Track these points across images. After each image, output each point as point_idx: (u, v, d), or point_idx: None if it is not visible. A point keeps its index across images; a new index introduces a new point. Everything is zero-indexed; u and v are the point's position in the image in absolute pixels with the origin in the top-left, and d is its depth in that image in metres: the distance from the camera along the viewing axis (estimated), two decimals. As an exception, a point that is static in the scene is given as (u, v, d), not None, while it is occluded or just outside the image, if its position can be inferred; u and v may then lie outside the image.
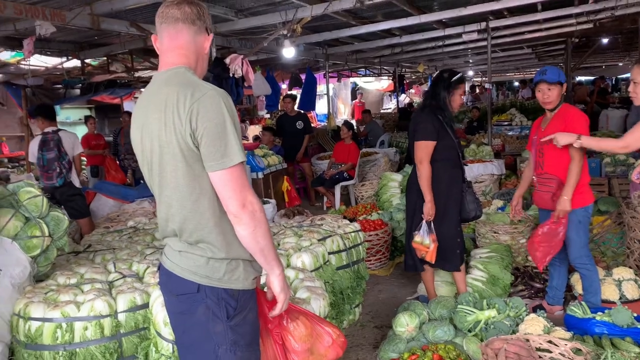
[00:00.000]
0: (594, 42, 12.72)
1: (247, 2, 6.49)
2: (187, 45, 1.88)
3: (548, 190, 3.76)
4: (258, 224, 1.78)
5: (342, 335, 2.30)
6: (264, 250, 1.83)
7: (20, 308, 2.90)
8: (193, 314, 1.87)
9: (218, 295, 1.83)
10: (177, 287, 1.89)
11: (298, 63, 12.77)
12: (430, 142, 3.84)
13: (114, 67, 9.75)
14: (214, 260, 1.84)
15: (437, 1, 7.64)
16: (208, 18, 1.93)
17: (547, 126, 3.77)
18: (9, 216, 3.21)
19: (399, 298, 4.70)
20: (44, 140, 5.77)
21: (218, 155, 1.72)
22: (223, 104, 1.73)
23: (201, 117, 1.70)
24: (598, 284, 3.84)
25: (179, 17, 1.85)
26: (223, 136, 1.71)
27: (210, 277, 1.83)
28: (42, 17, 5.22)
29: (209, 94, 1.73)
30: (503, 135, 11.40)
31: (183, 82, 1.79)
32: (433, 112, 3.89)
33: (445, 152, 3.88)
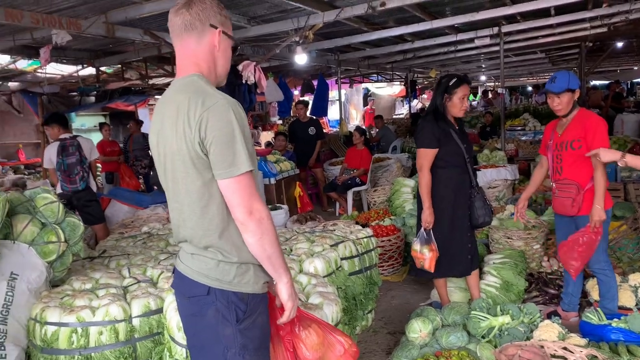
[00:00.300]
0: (608, 46, 12.62)
1: (259, 9, 6.53)
2: (194, 53, 1.90)
3: (568, 196, 3.71)
4: (265, 232, 1.80)
5: (354, 345, 2.28)
6: (271, 258, 1.84)
7: (36, 313, 2.93)
8: (203, 317, 1.89)
9: (228, 299, 1.85)
10: (188, 289, 1.92)
11: (310, 69, 12.82)
12: (429, 150, 3.83)
13: (129, 75, 9.88)
14: (225, 263, 1.86)
15: (449, 6, 7.64)
16: (212, 11, 1.89)
17: (565, 131, 3.74)
18: (26, 222, 3.25)
19: (411, 304, 4.69)
20: (63, 146, 5.86)
21: (226, 164, 1.74)
22: (232, 114, 1.75)
23: (210, 126, 1.73)
24: (616, 290, 3.80)
25: (181, 27, 1.88)
26: (231, 145, 1.73)
27: (220, 279, 1.85)
28: (59, 26, 5.31)
29: (219, 103, 1.76)
30: (516, 140, 11.32)
31: (195, 90, 1.81)
32: (434, 119, 3.87)
33: (450, 157, 3.86)
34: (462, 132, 3.97)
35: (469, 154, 3.92)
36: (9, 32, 6.13)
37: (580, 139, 3.64)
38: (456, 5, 7.54)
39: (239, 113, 1.77)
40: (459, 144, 3.85)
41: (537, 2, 7.10)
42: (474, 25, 8.96)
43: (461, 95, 3.84)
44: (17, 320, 2.91)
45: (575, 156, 3.66)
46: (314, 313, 2.85)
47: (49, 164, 6.01)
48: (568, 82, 3.64)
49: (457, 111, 3.88)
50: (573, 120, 3.72)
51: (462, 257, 3.99)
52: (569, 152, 3.69)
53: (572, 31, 10.20)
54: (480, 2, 7.36)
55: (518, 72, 22.25)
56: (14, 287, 2.96)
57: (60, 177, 5.89)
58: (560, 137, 3.75)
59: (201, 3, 1.88)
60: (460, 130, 3.95)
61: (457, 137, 3.86)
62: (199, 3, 1.88)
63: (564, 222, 3.89)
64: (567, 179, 3.72)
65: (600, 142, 3.53)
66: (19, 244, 3.18)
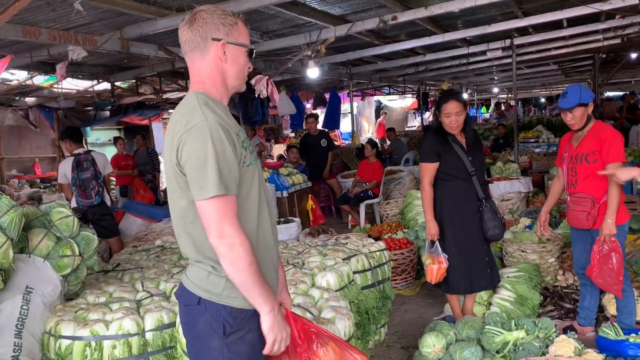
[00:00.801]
0: (622, 57, 12.51)
1: (272, 24, 6.60)
2: (199, 70, 1.93)
3: (583, 210, 3.66)
4: (236, 258, 1.76)
5: None
6: (245, 285, 1.79)
7: (51, 326, 2.96)
8: (195, 326, 1.91)
9: (217, 311, 1.85)
10: (183, 297, 1.95)
11: (322, 82, 12.88)
12: (428, 164, 3.90)
13: (143, 89, 9.99)
14: (215, 275, 1.87)
15: (461, 19, 7.65)
16: (213, 24, 1.87)
17: (580, 143, 3.72)
18: (42, 236, 3.29)
19: (425, 318, 4.65)
20: (77, 161, 5.93)
21: (197, 186, 1.75)
22: (209, 136, 1.73)
23: (186, 148, 1.76)
24: (634, 305, 3.75)
25: (186, 45, 1.91)
26: (202, 168, 1.73)
27: (210, 291, 1.86)
28: (75, 42, 5.40)
29: (199, 125, 1.75)
30: (530, 152, 11.26)
31: (186, 109, 1.84)
32: (434, 133, 3.95)
33: (451, 171, 3.88)
34: (472, 145, 3.95)
35: (477, 166, 3.91)
36: (27, 48, 6.25)
37: (595, 152, 3.60)
38: (468, 19, 7.55)
39: (218, 135, 1.75)
40: (462, 157, 3.86)
41: (549, 15, 7.08)
42: (485, 37, 8.97)
43: (447, 112, 3.84)
44: (32, 334, 2.94)
45: (590, 170, 3.62)
46: (326, 327, 2.85)
47: (64, 179, 6.08)
48: (579, 96, 3.61)
49: (448, 128, 3.88)
50: (589, 133, 3.69)
51: (481, 271, 3.96)
52: (583, 166, 3.66)
53: (585, 43, 10.15)
54: (492, 15, 7.37)
55: (531, 83, 22.17)
56: (29, 301, 2.99)
57: (76, 192, 5.94)
58: (576, 149, 3.72)
59: (202, 18, 1.88)
60: (470, 143, 3.94)
61: (460, 150, 3.87)
62: (199, 18, 1.88)
63: (579, 235, 3.85)
64: (581, 192, 3.68)
65: (616, 155, 3.50)
66: (34, 257, 3.21)
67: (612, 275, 3.52)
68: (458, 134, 3.93)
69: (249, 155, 1.89)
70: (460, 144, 3.90)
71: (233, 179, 1.79)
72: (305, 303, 3.21)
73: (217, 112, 1.82)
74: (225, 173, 1.76)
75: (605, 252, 3.52)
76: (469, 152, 3.91)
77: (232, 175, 1.78)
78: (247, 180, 1.87)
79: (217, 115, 1.80)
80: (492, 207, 3.92)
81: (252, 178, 1.90)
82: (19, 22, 5.02)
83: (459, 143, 3.90)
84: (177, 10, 5.30)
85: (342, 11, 6.35)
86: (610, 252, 3.50)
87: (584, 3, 6.62)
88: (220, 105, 1.91)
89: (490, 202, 3.95)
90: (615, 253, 3.49)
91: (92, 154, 6.08)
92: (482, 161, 4.07)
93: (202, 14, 1.88)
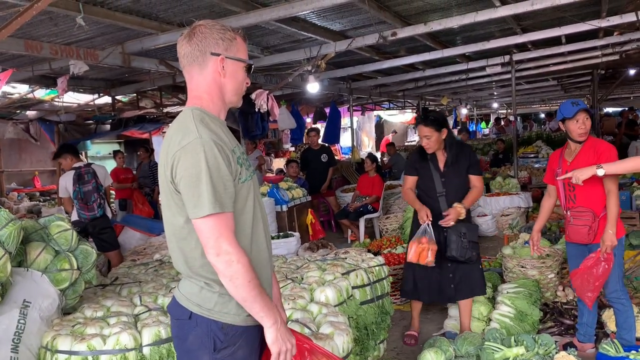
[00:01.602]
0: (620, 74, 12.60)
1: (272, 39, 6.65)
2: (197, 85, 1.92)
3: (584, 224, 3.66)
4: (235, 275, 1.75)
5: None
6: (247, 301, 1.80)
7: (47, 341, 2.93)
8: (185, 340, 1.90)
9: (208, 326, 1.85)
10: (175, 311, 1.95)
11: (322, 97, 12.94)
12: (408, 177, 4.31)
13: (144, 103, 10.03)
14: (207, 290, 1.86)
15: (460, 35, 7.71)
16: (212, 39, 1.87)
17: (575, 158, 3.71)
18: (40, 249, 3.28)
19: (424, 334, 4.62)
20: (79, 175, 5.94)
21: (191, 204, 1.75)
22: (203, 154, 1.73)
23: (180, 166, 1.75)
24: (633, 320, 3.73)
25: (184, 59, 1.91)
26: (196, 186, 1.72)
27: (201, 306, 1.86)
28: (76, 57, 5.44)
29: (192, 142, 1.74)
30: (529, 168, 11.28)
31: (180, 125, 1.83)
32: (418, 150, 4.28)
33: (424, 188, 4.21)
34: (451, 166, 4.11)
35: (449, 187, 4.10)
36: (29, 62, 6.29)
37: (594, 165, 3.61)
38: (467, 35, 7.62)
39: (212, 153, 1.74)
40: (433, 177, 4.13)
41: (548, 31, 7.15)
42: (485, 53, 9.03)
43: (421, 135, 4.11)
44: (28, 349, 2.91)
45: (589, 183, 3.61)
46: (324, 343, 2.83)
47: (65, 192, 6.09)
48: None
49: (425, 148, 4.14)
50: (584, 148, 3.70)
51: (435, 286, 4.19)
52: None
53: (583, 59, 10.24)
54: (491, 31, 7.43)
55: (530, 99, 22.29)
56: (26, 315, 2.97)
57: (78, 205, 5.95)
58: (571, 164, 3.72)
59: (201, 32, 1.87)
60: (450, 164, 4.11)
61: (434, 170, 4.14)
62: (198, 33, 1.87)
63: (578, 250, 3.84)
64: (581, 206, 3.68)
65: None
66: (32, 271, 3.20)
67: (591, 280, 3.54)
68: (439, 154, 4.15)
69: (245, 171, 1.88)
70: (436, 164, 4.15)
71: (229, 196, 1.78)
72: (303, 318, 3.20)
73: (212, 129, 1.81)
74: (220, 190, 1.75)
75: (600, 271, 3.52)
76: (445, 172, 4.12)
77: (227, 192, 1.78)
78: (242, 196, 1.86)
79: (211, 132, 1.79)
80: (460, 229, 3.99)
81: (248, 194, 1.89)
82: (21, 36, 5.06)
83: (436, 163, 4.15)
84: (178, 26, 5.35)
85: (342, 27, 6.40)
86: (601, 261, 3.51)
87: (582, 20, 6.68)
88: (217, 121, 1.90)
89: (459, 225, 4.01)
90: (606, 263, 3.50)
91: (92, 166, 6.11)
92: (460, 183, 4.17)
93: (202, 28, 1.88)
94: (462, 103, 19.76)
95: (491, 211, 8.20)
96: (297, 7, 4.78)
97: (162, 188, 1.88)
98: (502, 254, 5.26)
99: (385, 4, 5.59)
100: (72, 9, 4.27)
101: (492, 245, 7.34)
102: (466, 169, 4.15)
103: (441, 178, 4.11)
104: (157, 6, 4.86)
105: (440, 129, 4.05)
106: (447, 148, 4.11)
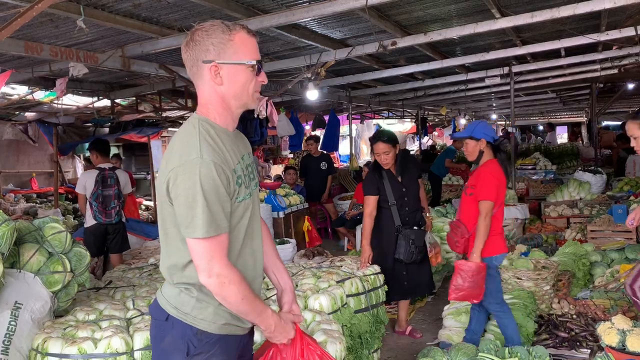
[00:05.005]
0: (619, 88, 12.66)
1: (273, 46, 6.66)
2: (201, 94, 1.88)
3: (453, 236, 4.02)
4: (228, 295, 1.77)
5: None
6: (241, 313, 1.85)
7: (38, 343, 2.91)
8: (161, 341, 1.90)
9: (183, 330, 1.84)
10: (155, 312, 1.95)
11: (322, 105, 12.96)
12: (369, 197, 4.52)
13: (143, 107, 10.03)
14: (185, 294, 1.86)
15: (460, 46, 7.74)
16: (203, 46, 1.79)
17: (469, 175, 4.17)
18: (33, 251, 3.27)
19: (418, 344, 4.60)
20: (102, 177, 5.95)
21: (185, 224, 1.74)
22: (198, 176, 1.69)
23: (177, 183, 1.72)
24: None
25: (188, 70, 1.87)
26: (192, 208, 1.70)
27: (178, 309, 1.85)
28: (76, 59, 5.43)
29: (189, 162, 1.71)
30: (527, 179, 11.28)
31: (185, 136, 1.81)
32: (374, 169, 4.62)
33: (381, 200, 4.52)
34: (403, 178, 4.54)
35: (409, 194, 4.54)
36: (28, 64, 6.29)
37: (473, 186, 3.90)
38: (466, 45, 7.64)
39: (211, 175, 1.71)
40: (386, 189, 4.50)
41: (547, 44, 7.18)
42: (484, 64, 9.06)
43: (377, 152, 4.51)
44: (18, 351, 2.89)
45: (466, 202, 3.95)
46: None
47: (82, 189, 6.07)
48: (473, 130, 3.94)
49: (381, 164, 4.52)
50: (477, 168, 3.98)
51: (395, 285, 4.51)
52: (464, 197, 4.02)
53: (582, 72, 10.28)
54: (491, 43, 7.46)
55: (529, 111, 22.34)
56: (17, 317, 2.95)
57: (96, 208, 5.93)
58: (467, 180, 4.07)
59: (193, 40, 1.81)
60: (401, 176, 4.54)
61: (387, 183, 4.50)
62: (192, 40, 1.82)
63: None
64: (460, 220, 3.99)
65: (486, 194, 3.77)
66: (24, 272, 3.18)
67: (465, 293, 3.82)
68: (392, 168, 4.55)
69: (244, 190, 1.85)
70: (394, 177, 4.54)
71: (225, 216, 1.76)
72: (297, 325, 3.18)
73: (215, 148, 1.77)
74: (217, 211, 1.72)
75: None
76: (404, 182, 4.54)
77: (225, 211, 1.75)
78: (237, 215, 1.84)
79: (214, 152, 1.75)
80: (410, 236, 4.43)
81: (244, 212, 1.87)
82: (21, 37, 5.06)
83: (393, 176, 4.54)
84: (178, 30, 5.35)
85: (343, 35, 6.42)
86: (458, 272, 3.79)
87: (582, 33, 6.71)
88: (224, 135, 1.85)
89: (409, 231, 4.45)
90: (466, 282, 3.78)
91: (116, 171, 6.12)
92: (416, 188, 4.64)
93: (198, 33, 1.82)
94: (461, 113, 19.80)
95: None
96: (297, 15, 4.79)
97: (158, 195, 1.85)
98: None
99: (385, 13, 5.60)
100: (72, 12, 4.27)
101: (489, 256, 7.31)
102: (417, 174, 4.69)
103: (402, 188, 4.54)
104: (158, 10, 4.86)
105: (395, 145, 4.52)
106: (399, 161, 4.56)
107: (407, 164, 4.62)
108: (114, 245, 6.13)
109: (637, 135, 3.37)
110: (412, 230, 4.48)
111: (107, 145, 6.41)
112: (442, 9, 5.57)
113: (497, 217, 3.88)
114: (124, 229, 6.29)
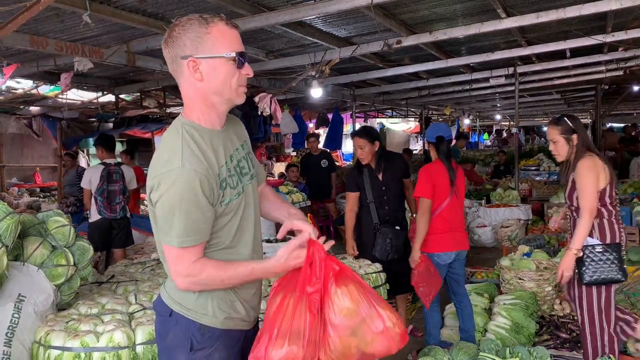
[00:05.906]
0: (624, 89, 12.61)
1: (277, 44, 6.66)
2: (183, 94, 1.83)
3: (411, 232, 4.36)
4: (205, 284, 1.80)
5: (399, 325, 1.81)
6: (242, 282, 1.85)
7: (41, 336, 2.93)
8: (165, 337, 1.90)
9: (187, 325, 1.84)
10: (158, 308, 1.95)
11: (325, 103, 12.95)
12: (350, 194, 4.64)
13: (147, 103, 10.04)
14: None
15: (465, 46, 7.72)
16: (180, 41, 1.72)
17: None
18: (37, 244, 3.28)
19: (419, 342, 4.60)
20: (108, 172, 6.00)
21: (163, 230, 1.74)
22: (179, 186, 1.67)
23: (159, 190, 1.70)
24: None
25: (170, 70, 1.82)
26: (170, 217, 1.70)
27: (181, 304, 1.86)
28: (82, 54, 5.44)
29: (174, 171, 1.67)
30: (530, 180, 11.27)
31: (169, 142, 1.77)
32: (355, 166, 4.72)
33: (368, 196, 4.54)
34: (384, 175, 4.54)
35: (389, 193, 4.55)
36: (33, 58, 6.30)
37: None
38: (471, 45, 7.62)
39: (189, 185, 1.67)
40: (366, 187, 4.53)
41: (552, 45, 7.17)
42: (489, 64, 9.04)
43: (355, 146, 4.58)
44: (21, 343, 2.91)
45: None
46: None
47: (87, 184, 6.10)
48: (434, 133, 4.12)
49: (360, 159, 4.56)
50: None
51: None
52: None
53: (587, 73, 10.24)
54: (496, 43, 7.44)
55: (533, 112, 22.29)
56: (20, 309, 2.97)
57: (101, 203, 5.96)
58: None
59: (171, 37, 1.74)
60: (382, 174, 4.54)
61: (367, 181, 4.53)
62: (168, 38, 1.75)
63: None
64: None
65: (419, 190, 4.01)
66: (28, 265, 3.20)
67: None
68: (374, 165, 4.56)
69: (229, 192, 1.80)
70: (375, 175, 4.55)
71: (206, 222, 1.74)
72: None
73: (198, 154, 1.71)
74: (195, 220, 1.71)
75: None
76: (384, 180, 4.54)
77: (205, 218, 1.73)
78: (225, 214, 1.81)
79: (196, 159, 1.70)
80: (388, 234, 4.43)
81: (236, 210, 1.84)
82: (27, 31, 5.07)
83: (374, 174, 4.55)
84: (184, 26, 5.36)
85: (348, 33, 6.41)
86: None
87: (587, 34, 6.69)
88: (208, 136, 1.78)
89: (387, 229, 4.44)
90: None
91: (121, 167, 6.15)
92: (398, 187, 4.64)
93: (175, 29, 1.74)
94: (465, 113, 19.77)
95: (491, 222, 8.19)
96: (302, 12, 4.79)
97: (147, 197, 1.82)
98: (500, 265, 5.25)
99: (391, 11, 5.59)
100: (78, 6, 4.28)
101: (491, 256, 7.32)
102: (400, 174, 4.65)
103: (382, 187, 4.54)
104: (163, 6, 4.87)
105: (373, 141, 4.50)
106: (380, 159, 4.56)
107: (390, 163, 4.62)
108: (118, 240, 6.17)
109: (557, 140, 3.49)
110: (391, 229, 4.46)
111: (112, 140, 6.44)
112: (447, 8, 5.56)
113: (442, 216, 4.01)
114: (129, 225, 6.32)
